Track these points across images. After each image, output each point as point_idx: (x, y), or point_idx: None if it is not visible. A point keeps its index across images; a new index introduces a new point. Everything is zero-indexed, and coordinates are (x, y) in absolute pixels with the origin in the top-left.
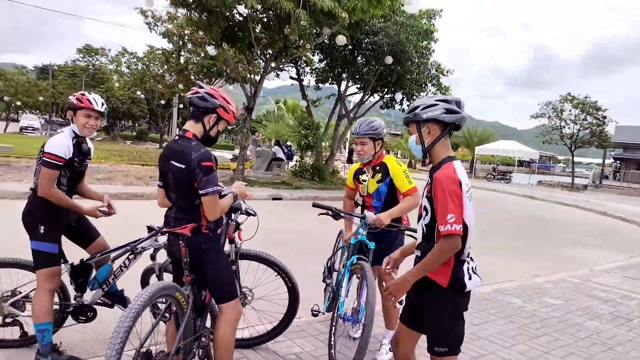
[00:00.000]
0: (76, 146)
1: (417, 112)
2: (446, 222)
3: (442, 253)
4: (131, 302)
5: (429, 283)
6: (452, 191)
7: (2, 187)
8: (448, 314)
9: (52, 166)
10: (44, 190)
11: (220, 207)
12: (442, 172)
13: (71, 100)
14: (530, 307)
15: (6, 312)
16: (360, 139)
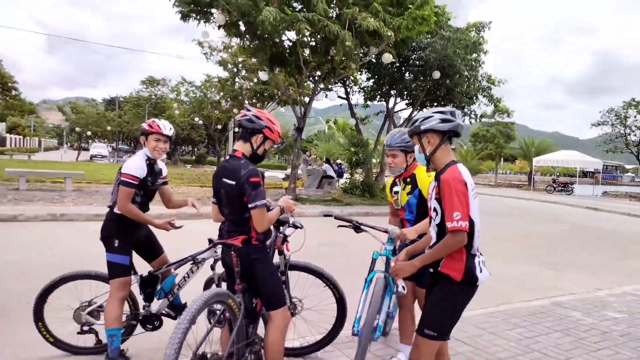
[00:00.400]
0: (149, 167)
1: (416, 125)
2: (453, 219)
3: (447, 247)
4: (188, 307)
5: (443, 277)
6: (458, 190)
7: (76, 210)
8: (454, 304)
9: (129, 185)
10: (122, 206)
11: (267, 219)
12: (448, 174)
13: (144, 126)
14: (589, 321)
15: (83, 321)
16: (392, 151)
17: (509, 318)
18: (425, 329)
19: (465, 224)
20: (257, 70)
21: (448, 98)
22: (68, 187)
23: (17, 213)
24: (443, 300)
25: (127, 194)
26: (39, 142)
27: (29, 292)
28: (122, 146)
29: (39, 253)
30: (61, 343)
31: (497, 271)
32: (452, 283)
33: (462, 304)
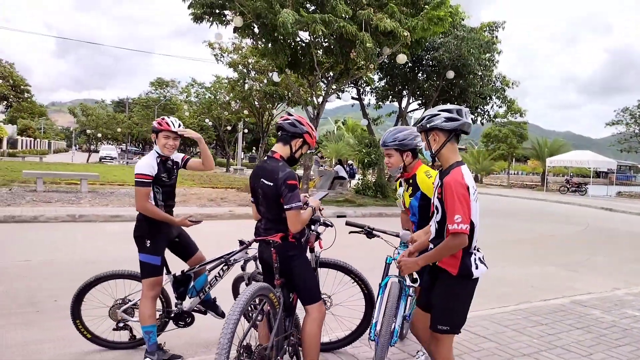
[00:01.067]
0: (161, 164)
1: (422, 123)
2: (454, 221)
3: (448, 248)
4: (237, 299)
5: (441, 271)
6: (460, 195)
7: (93, 211)
8: (455, 297)
9: (143, 184)
10: (140, 206)
11: (301, 220)
12: (451, 177)
13: (154, 124)
14: (610, 318)
15: (119, 318)
16: (387, 151)
17: (530, 316)
18: (438, 325)
19: (466, 227)
20: (267, 71)
21: (461, 98)
22: (84, 189)
23: (37, 214)
24: (445, 294)
25: (143, 193)
26: (48, 144)
27: (59, 291)
28: (131, 148)
29: (64, 254)
30: (98, 339)
31: (514, 272)
32: (449, 277)
33: (465, 297)
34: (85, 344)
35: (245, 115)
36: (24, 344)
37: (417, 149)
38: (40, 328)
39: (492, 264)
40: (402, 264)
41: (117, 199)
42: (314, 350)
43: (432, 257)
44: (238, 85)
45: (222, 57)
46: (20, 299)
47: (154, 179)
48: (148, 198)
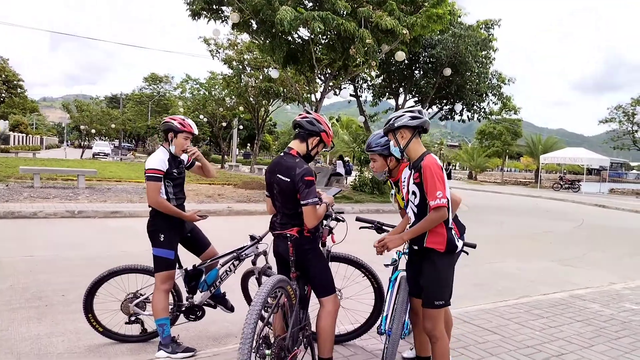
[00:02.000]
0: (172, 159)
1: (391, 123)
2: (436, 197)
3: (432, 221)
4: (257, 291)
5: (428, 251)
6: (438, 174)
7: (92, 207)
8: (445, 272)
9: (154, 179)
10: (152, 200)
11: (317, 216)
12: (428, 161)
13: (174, 123)
14: (609, 312)
15: (131, 312)
16: (371, 155)
17: (532, 309)
18: (435, 300)
19: (446, 201)
20: (263, 67)
21: (458, 95)
22: (81, 185)
23: (36, 210)
24: (437, 271)
25: (154, 187)
26: (40, 140)
27: (65, 285)
28: (124, 144)
29: (66, 249)
30: (110, 332)
31: (513, 266)
32: (438, 254)
33: (451, 269)
34: (96, 337)
35: (241, 111)
36: (36, 338)
37: None
38: (50, 322)
39: (492, 259)
40: (387, 240)
41: (115, 195)
42: (329, 341)
43: (417, 231)
44: (233, 81)
45: (217, 53)
46: (28, 294)
47: (165, 174)
48: (159, 193)
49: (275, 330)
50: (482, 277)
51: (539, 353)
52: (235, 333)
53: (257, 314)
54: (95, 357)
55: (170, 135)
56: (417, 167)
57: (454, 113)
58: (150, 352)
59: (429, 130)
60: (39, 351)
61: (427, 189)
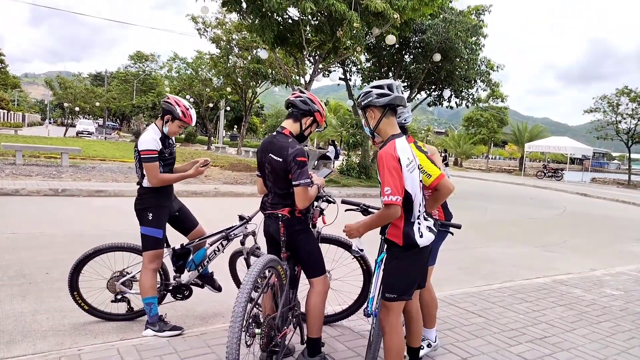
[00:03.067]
0: (162, 140)
1: (359, 101)
2: (384, 193)
3: (381, 218)
4: (248, 270)
5: (390, 243)
6: (390, 167)
7: (76, 185)
8: (402, 266)
9: (151, 159)
10: (154, 180)
11: (309, 197)
12: (383, 150)
13: (176, 109)
14: (590, 297)
15: (117, 290)
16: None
17: (516, 293)
18: (386, 292)
19: (396, 198)
20: (251, 48)
21: (447, 81)
22: (64, 163)
23: (19, 187)
24: (392, 264)
25: (154, 167)
26: (22, 117)
27: (49, 263)
28: (109, 123)
29: (50, 227)
30: (95, 310)
31: (496, 252)
32: (397, 248)
33: (411, 266)
34: (81, 315)
35: (228, 92)
36: (19, 315)
37: (405, 126)
38: (34, 299)
39: (476, 244)
40: (347, 229)
41: (99, 174)
42: (318, 321)
43: (368, 225)
44: (221, 61)
45: (205, 32)
46: (11, 271)
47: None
48: (159, 171)
49: (264, 309)
50: (466, 262)
51: (522, 335)
52: (222, 312)
53: (248, 293)
54: (81, 336)
55: (168, 118)
56: None
57: (443, 99)
58: (137, 330)
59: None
60: (23, 329)
61: (380, 181)
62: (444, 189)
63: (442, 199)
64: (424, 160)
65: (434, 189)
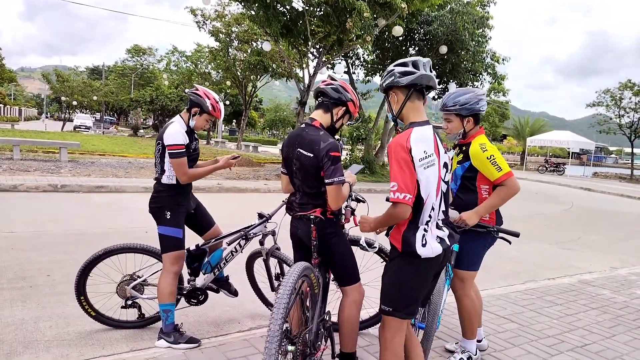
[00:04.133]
0: (189, 134)
1: (381, 83)
2: (390, 189)
3: (389, 217)
4: (283, 280)
5: (391, 246)
6: (399, 159)
7: (76, 181)
8: (399, 275)
9: (180, 155)
10: (184, 177)
11: (343, 196)
12: (395, 140)
13: (206, 102)
14: (621, 299)
15: (128, 295)
16: (446, 115)
17: (544, 296)
18: (382, 304)
19: (404, 196)
20: (251, 40)
21: (452, 74)
22: (63, 158)
23: (17, 183)
24: (390, 272)
25: (182, 163)
26: (19, 111)
27: (50, 264)
28: (106, 117)
29: (50, 224)
30: (103, 317)
31: (513, 249)
32: (396, 253)
33: (408, 277)
34: (87, 322)
35: (227, 86)
36: (20, 323)
37: (480, 115)
38: (36, 305)
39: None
40: (361, 219)
41: (99, 169)
42: (353, 334)
43: (379, 222)
44: (220, 54)
45: (204, 24)
46: (10, 273)
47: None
48: (187, 167)
49: (291, 321)
50: (485, 260)
51: (561, 344)
52: (237, 318)
53: (285, 309)
54: (87, 346)
55: (195, 111)
56: None
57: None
58: (148, 339)
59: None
60: (24, 338)
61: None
62: (511, 188)
63: (507, 197)
64: (497, 154)
65: (498, 185)
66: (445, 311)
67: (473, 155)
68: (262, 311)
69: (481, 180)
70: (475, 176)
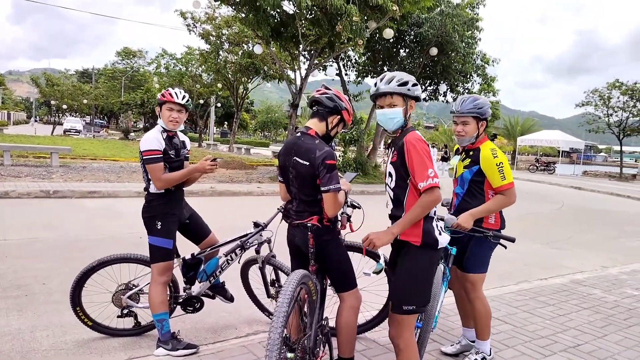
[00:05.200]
0: (167, 140)
1: (410, 88)
2: (427, 176)
3: (426, 207)
4: (282, 288)
5: (403, 245)
6: (425, 150)
7: (68, 186)
8: (421, 271)
9: (154, 160)
10: (159, 183)
11: (339, 203)
12: (411, 136)
13: (158, 96)
14: (612, 298)
15: (124, 304)
16: (462, 118)
17: (537, 296)
18: (403, 305)
19: (438, 180)
20: (242, 43)
21: (443, 75)
22: (54, 163)
23: (8, 189)
24: (409, 270)
25: (157, 169)
26: (8, 115)
27: (45, 272)
28: (97, 121)
29: (44, 231)
30: (100, 326)
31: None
32: (413, 249)
33: (429, 270)
34: (84, 331)
35: (219, 88)
36: (17, 332)
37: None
38: (32, 314)
39: None
40: (373, 237)
41: (91, 174)
42: (351, 340)
43: (409, 222)
44: (211, 57)
45: (194, 27)
46: (5, 282)
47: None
48: (162, 172)
49: (289, 328)
50: None
51: (554, 344)
52: (234, 324)
53: (285, 317)
54: (85, 355)
55: (157, 110)
56: (397, 145)
57: (439, 94)
58: (145, 347)
59: None
60: (22, 348)
61: (414, 168)
62: (509, 198)
63: (503, 206)
64: (506, 162)
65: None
66: (442, 314)
67: (484, 159)
68: (259, 317)
69: (489, 184)
70: (484, 180)
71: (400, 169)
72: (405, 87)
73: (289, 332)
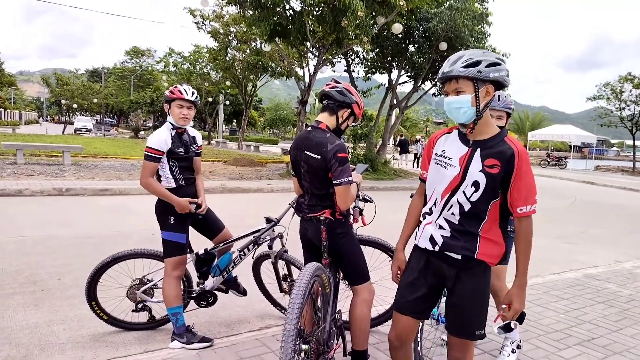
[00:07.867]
0: (176, 137)
1: (481, 69)
2: (534, 201)
3: (530, 236)
4: (297, 280)
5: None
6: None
7: (80, 184)
8: (488, 292)
9: (150, 159)
10: (143, 181)
11: (351, 196)
12: (523, 149)
13: (166, 93)
14: (627, 292)
15: (138, 299)
16: (499, 114)
17: (550, 290)
18: (477, 330)
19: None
20: (250, 40)
21: None
22: (66, 161)
23: (22, 187)
24: (483, 293)
25: (148, 167)
26: (19, 115)
27: (60, 267)
28: (107, 119)
29: (57, 228)
30: (115, 320)
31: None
32: (484, 270)
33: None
34: (99, 324)
35: (227, 86)
36: (34, 326)
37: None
38: (48, 308)
39: None
40: (518, 306)
41: (103, 172)
42: (365, 332)
43: (526, 263)
44: (220, 55)
45: (203, 25)
46: (21, 278)
47: (169, 153)
48: (152, 174)
49: (303, 321)
50: None
51: (569, 338)
52: (247, 318)
53: (300, 309)
54: (102, 348)
55: (166, 107)
56: (496, 150)
57: None
58: (160, 340)
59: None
60: (39, 341)
61: (521, 187)
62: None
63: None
64: None
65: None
66: None
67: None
68: (271, 311)
69: None
70: None
71: (498, 182)
72: (474, 68)
73: (303, 324)
